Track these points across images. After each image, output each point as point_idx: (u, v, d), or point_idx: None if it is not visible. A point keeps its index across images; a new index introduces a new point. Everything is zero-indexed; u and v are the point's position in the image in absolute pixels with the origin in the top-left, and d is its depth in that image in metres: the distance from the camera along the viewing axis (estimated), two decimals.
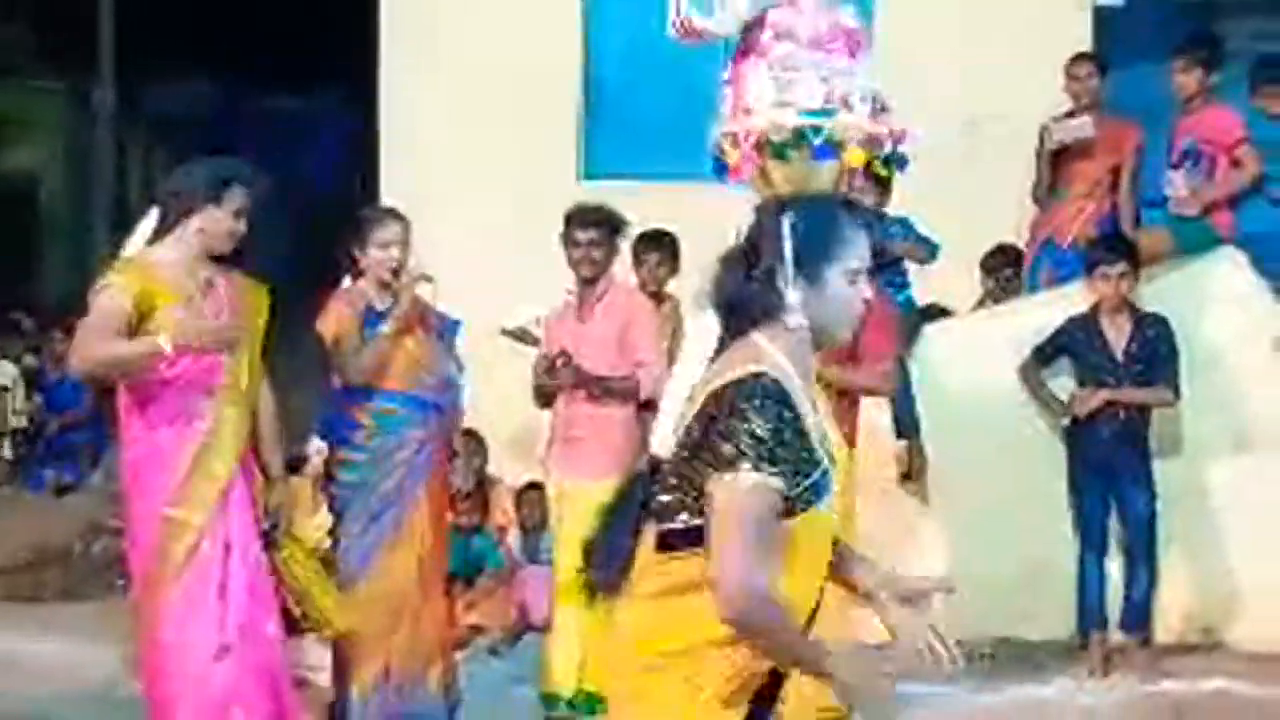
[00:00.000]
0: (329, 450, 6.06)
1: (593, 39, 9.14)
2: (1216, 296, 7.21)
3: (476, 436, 7.64)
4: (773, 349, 2.99)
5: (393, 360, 5.83)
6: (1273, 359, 7.11)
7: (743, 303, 3.03)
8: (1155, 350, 6.79)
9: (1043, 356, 7.01)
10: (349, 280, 6.01)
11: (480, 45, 8.94)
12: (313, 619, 5.57)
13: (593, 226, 6.40)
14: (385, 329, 5.77)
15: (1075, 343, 6.93)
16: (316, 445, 6.43)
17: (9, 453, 11.36)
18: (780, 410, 2.90)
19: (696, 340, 3.27)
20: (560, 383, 6.27)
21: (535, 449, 6.91)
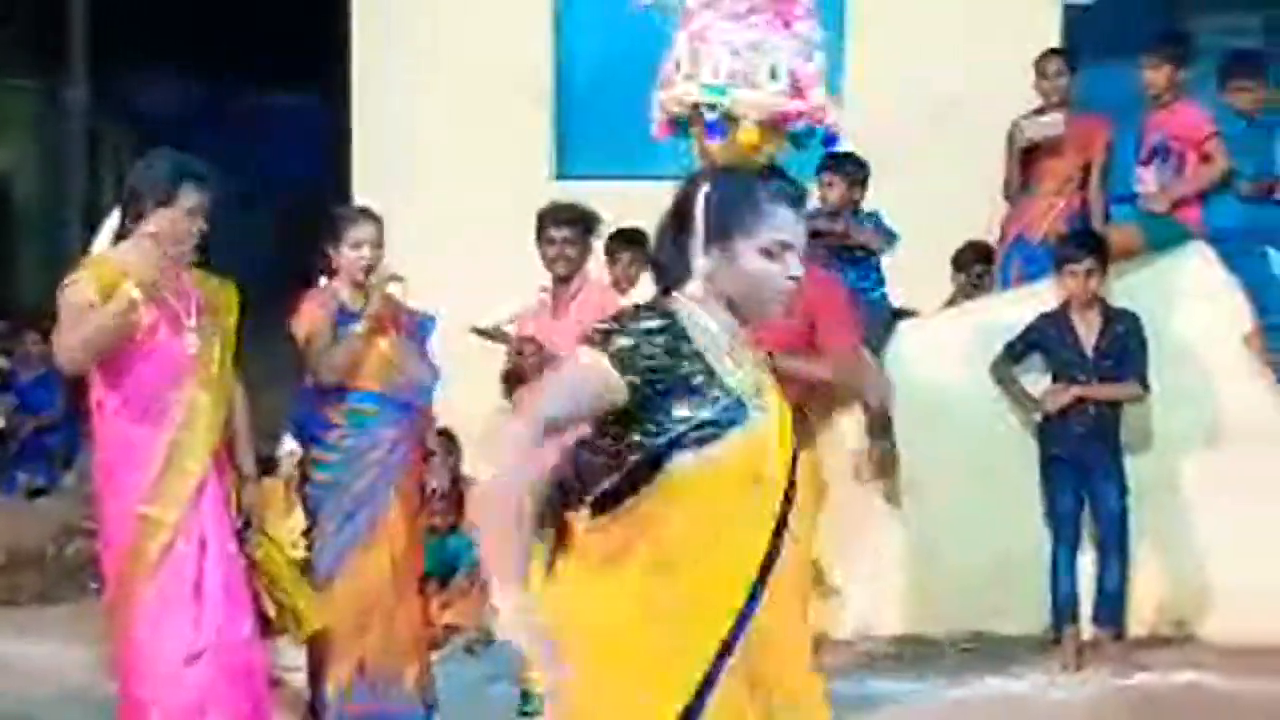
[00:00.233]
0: (302, 450, 6.05)
1: (565, 38, 9.14)
2: (1186, 292, 7.25)
3: (451, 436, 7.63)
4: (689, 301, 3.08)
5: (365, 360, 5.82)
6: (1242, 354, 7.16)
7: (664, 268, 3.13)
8: (1125, 346, 6.83)
9: (1014, 353, 7.05)
10: (324, 279, 6.01)
11: (453, 44, 8.94)
12: (287, 619, 5.57)
13: (566, 225, 6.41)
14: (357, 329, 5.77)
15: (1046, 339, 6.96)
16: (288, 447, 6.41)
17: None
18: (657, 330, 3.00)
19: None
20: (529, 366, 6.26)
21: None
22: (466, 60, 8.88)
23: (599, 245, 6.74)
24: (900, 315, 7.58)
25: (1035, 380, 7.04)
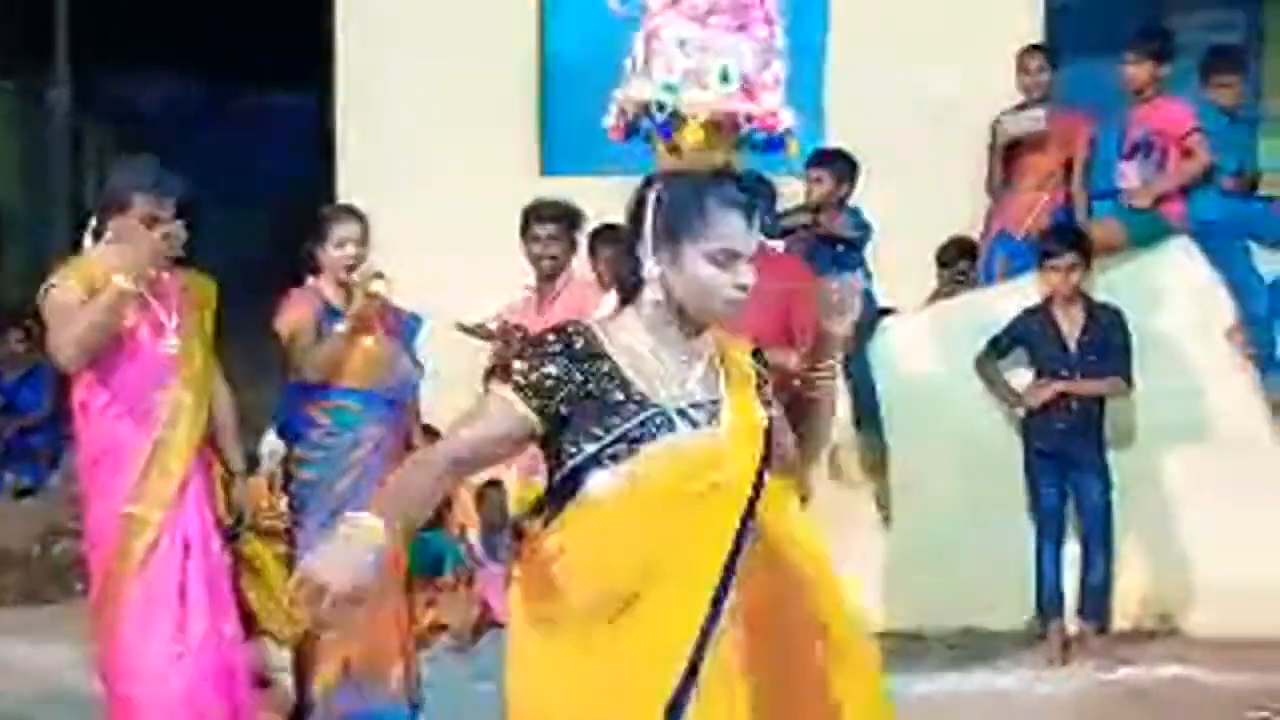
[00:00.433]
0: (286, 448, 6.05)
1: (550, 35, 9.15)
2: (1169, 287, 7.28)
3: (436, 434, 7.62)
4: (633, 319, 3.01)
5: (349, 358, 5.81)
6: (1225, 349, 7.19)
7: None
8: (1108, 341, 6.85)
9: (998, 348, 7.07)
10: (311, 278, 6.01)
11: (438, 41, 8.94)
12: (275, 618, 5.58)
13: (551, 221, 6.43)
14: (340, 327, 5.77)
15: (1030, 334, 6.98)
16: (270, 445, 6.41)
17: None
18: (565, 352, 2.94)
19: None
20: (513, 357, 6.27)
21: None
22: (452, 57, 8.87)
23: (584, 241, 6.74)
24: (884, 313, 7.59)
25: (1021, 376, 7.07)
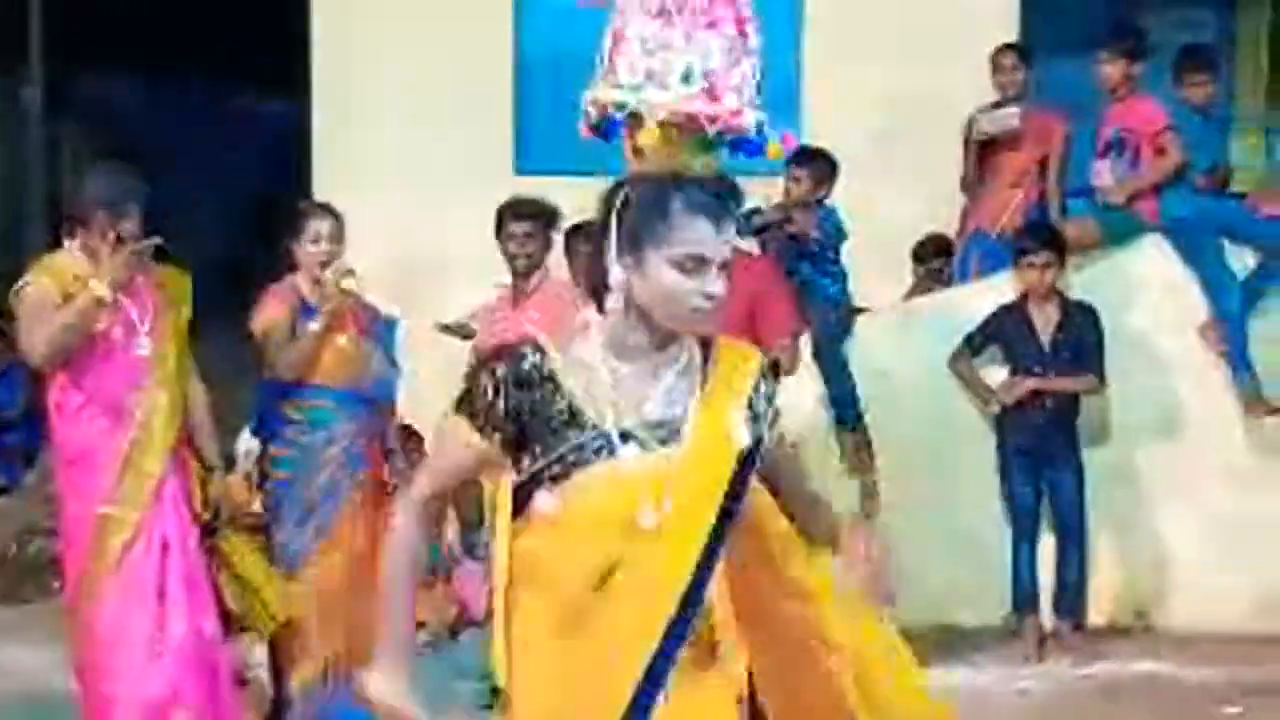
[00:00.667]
0: (261, 447, 6.05)
1: (524, 33, 9.14)
2: (1142, 284, 7.32)
3: (414, 433, 7.63)
4: (596, 328, 2.92)
5: (323, 355, 5.81)
6: (1197, 345, 7.23)
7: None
8: (1082, 338, 6.89)
9: (973, 345, 7.11)
10: (288, 275, 6.01)
11: (413, 39, 8.93)
12: (255, 613, 5.57)
13: (527, 219, 6.43)
14: (314, 325, 5.77)
15: (1004, 332, 7.02)
16: (246, 445, 6.41)
17: None
18: (511, 375, 2.90)
19: None
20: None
21: None
22: (427, 56, 8.87)
23: (559, 240, 6.75)
24: (858, 312, 7.61)
25: (995, 373, 7.10)
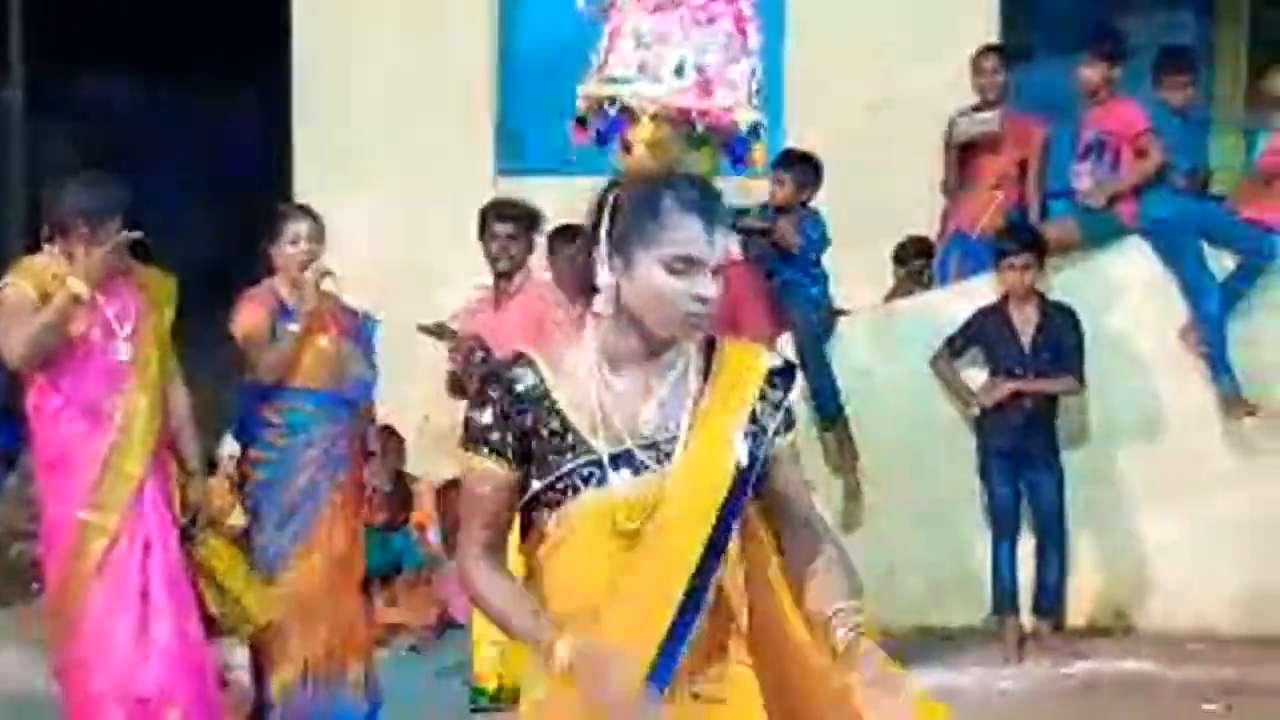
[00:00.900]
0: (242, 450, 6.04)
1: (507, 34, 9.15)
2: (1122, 286, 7.35)
3: (395, 434, 7.64)
4: (589, 336, 2.80)
5: (303, 358, 5.79)
6: (1177, 347, 7.26)
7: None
8: (1062, 340, 6.91)
9: (954, 347, 7.13)
10: (266, 278, 6.00)
11: (394, 41, 8.93)
12: (233, 616, 5.57)
13: (509, 220, 6.44)
14: (293, 327, 5.77)
15: (985, 333, 7.04)
16: (229, 449, 6.41)
17: None
18: (509, 394, 2.75)
19: None
20: (473, 370, 6.31)
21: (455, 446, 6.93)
22: (408, 57, 8.87)
23: (542, 241, 6.76)
24: (839, 314, 7.63)
25: (975, 375, 7.13)
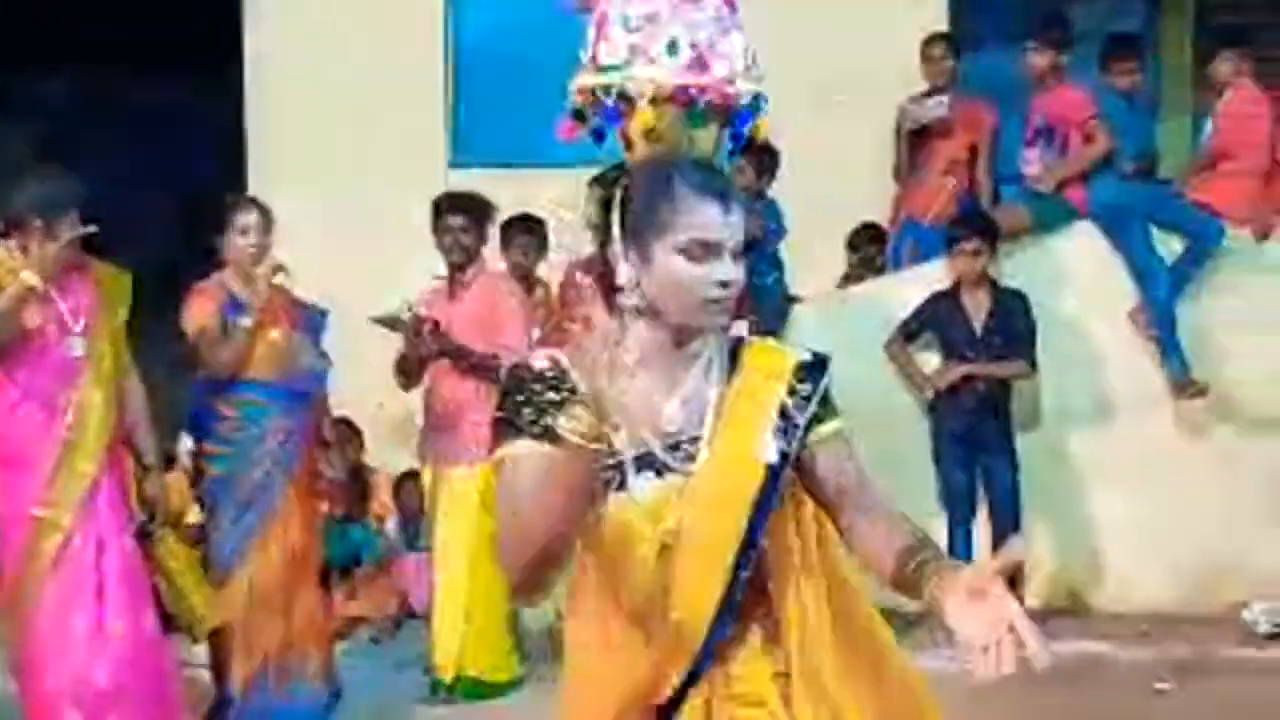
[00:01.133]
0: (196, 445, 6.04)
1: (458, 24, 9.14)
2: (1072, 270, 7.41)
3: (351, 425, 7.63)
4: (617, 334, 2.69)
5: (255, 351, 5.80)
6: (1127, 330, 7.33)
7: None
8: (1013, 324, 6.97)
9: (907, 332, 7.18)
10: (215, 272, 5.99)
11: (345, 33, 8.90)
12: (184, 617, 5.57)
13: (461, 213, 6.45)
14: (245, 321, 5.76)
15: (937, 318, 7.09)
16: (187, 445, 6.40)
17: None
18: (542, 393, 2.57)
19: None
20: (425, 349, 6.31)
21: (413, 437, 6.95)
22: (359, 50, 8.84)
23: (495, 232, 6.77)
24: (792, 301, 7.67)
25: (929, 361, 7.17)
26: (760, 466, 2.67)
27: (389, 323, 6.45)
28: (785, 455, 2.69)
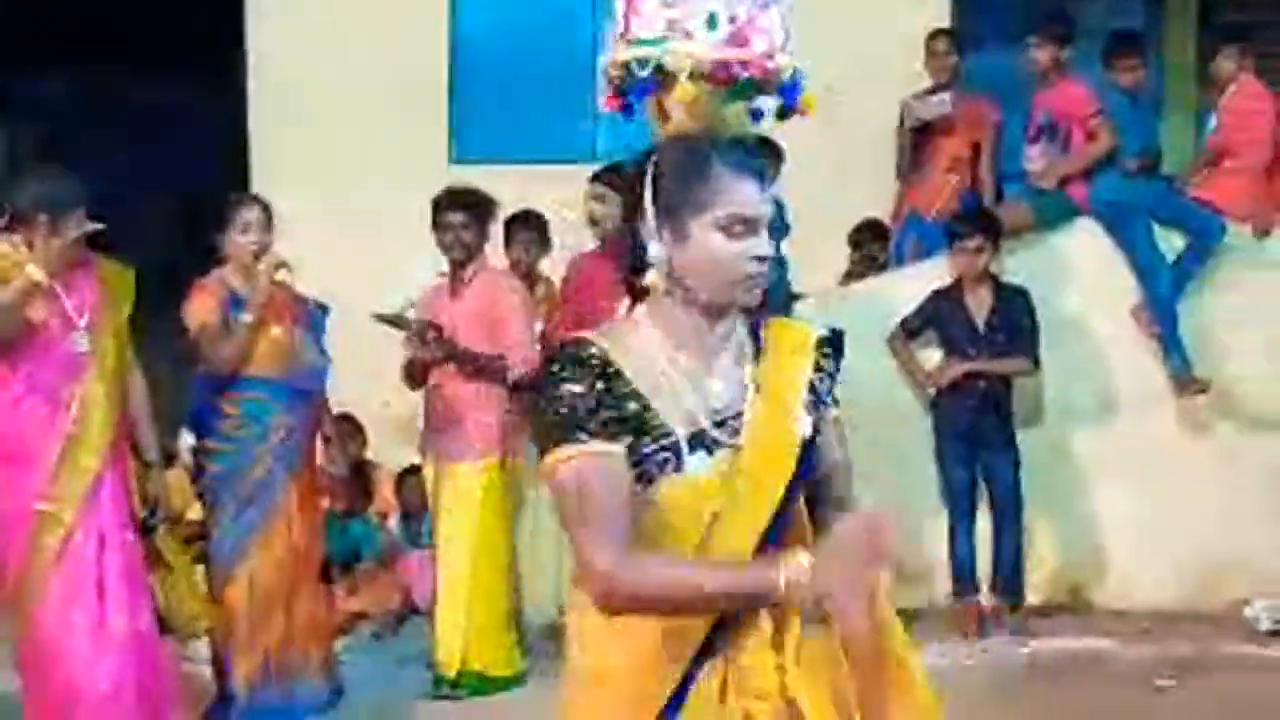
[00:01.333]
0: (197, 441, 6.04)
1: (461, 20, 9.14)
2: (1075, 267, 7.40)
3: (354, 421, 7.64)
4: (646, 316, 2.69)
5: (256, 348, 5.80)
6: (1129, 326, 7.32)
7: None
8: (1015, 321, 6.96)
9: (910, 328, 7.17)
10: (216, 269, 5.98)
11: (346, 32, 8.91)
12: (180, 613, 5.57)
13: (462, 209, 6.44)
14: (246, 317, 5.76)
15: (939, 315, 7.09)
16: (188, 442, 6.40)
17: None
18: (592, 377, 2.59)
19: None
20: (430, 355, 6.32)
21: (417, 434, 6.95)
22: (361, 46, 8.85)
23: (497, 229, 6.77)
24: (795, 298, 7.66)
25: (931, 357, 7.17)
26: (798, 439, 2.70)
27: (392, 320, 6.45)
28: (817, 430, 2.74)
